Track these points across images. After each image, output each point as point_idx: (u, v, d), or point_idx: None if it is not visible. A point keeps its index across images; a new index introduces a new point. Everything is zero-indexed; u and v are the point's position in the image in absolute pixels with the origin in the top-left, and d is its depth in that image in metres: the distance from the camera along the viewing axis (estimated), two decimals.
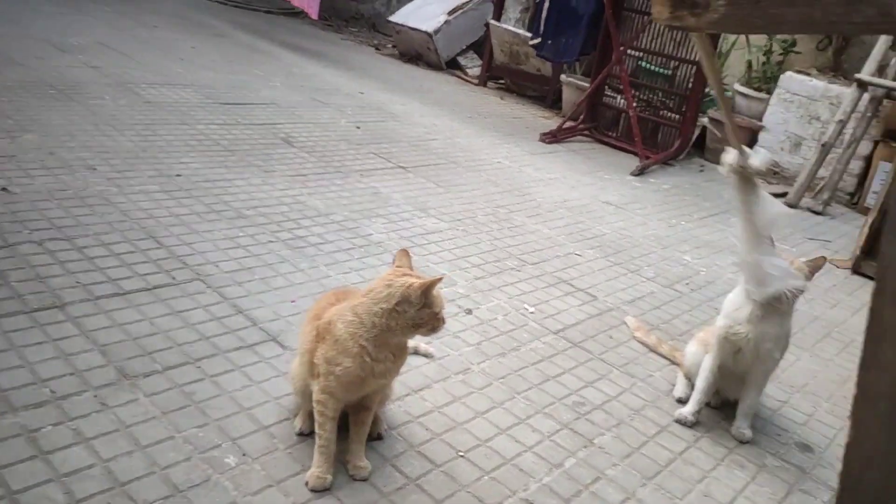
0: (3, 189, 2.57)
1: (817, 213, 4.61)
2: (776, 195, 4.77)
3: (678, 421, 2.06)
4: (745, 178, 1.44)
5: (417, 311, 1.50)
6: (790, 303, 1.93)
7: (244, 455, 1.60)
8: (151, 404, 1.69)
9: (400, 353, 1.59)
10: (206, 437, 1.63)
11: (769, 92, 5.40)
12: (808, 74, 5.26)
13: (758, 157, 1.43)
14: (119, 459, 1.51)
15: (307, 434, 1.70)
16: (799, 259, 1.99)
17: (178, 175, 3.07)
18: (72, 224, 2.45)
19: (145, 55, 5.02)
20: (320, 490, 1.55)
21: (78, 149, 3.11)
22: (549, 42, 5.68)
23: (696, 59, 4.98)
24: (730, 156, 1.38)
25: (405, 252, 1.64)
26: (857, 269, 3.64)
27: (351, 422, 1.66)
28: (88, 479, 1.44)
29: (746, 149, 1.41)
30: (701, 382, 2.09)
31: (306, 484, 1.55)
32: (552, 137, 5.16)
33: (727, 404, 2.17)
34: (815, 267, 1.96)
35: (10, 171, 2.73)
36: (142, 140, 3.39)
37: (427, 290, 1.50)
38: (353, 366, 1.51)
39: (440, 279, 1.53)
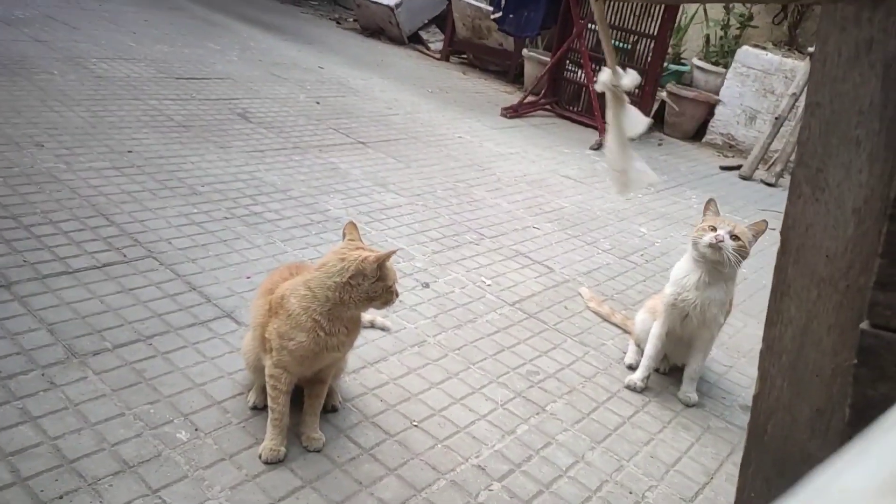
0: None
1: (770, 185, 4.72)
2: (731, 168, 4.90)
3: (628, 387, 2.12)
4: (616, 95, 1.56)
5: (371, 285, 1.51)
6: (734, 268, 1.99)
7: (196, 430, 1.60)
8: (101, 382, 1.68)
9: (354, 327, 1.60)
10: (158, 413, 1.63)
11: (726, 66, 5.47)
12: (764, 48, 5.34)
13: (628, 78, 1.55)
14: (67, 437, 1.50)
15: (261, 408, 1.71)
16: (742, 223, 2.05)
17: (130, 151, 3.01)
18: (18, 202, 2.39)
19: (95, 28, 4.87)
20: (273, 462, 1.56)
21: (24, 125, 3.02)
22: (511, 16, 5.66)
23: (655, 33, 5.02)
24: (604, 75, 1.49)
25: (353, 225, 1.64)
26: None
27: (305, 394, 1.67)
28: (35, 457, 1.43)
29: (619, 70, 1.51)
30: (650, 349, 2.15)
31: (260, 456, 1.56)
32: (513, 112, 5.17)
33: (676, 370, 2.23)
34: (757, 231, 2.02)
35: None
36: (92, 116, 3.31)
37: (381, 263, 1.51)
38: (307, 340, 1.52)
39: (394, 252, 1.54)
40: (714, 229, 1.99)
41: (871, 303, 0.47)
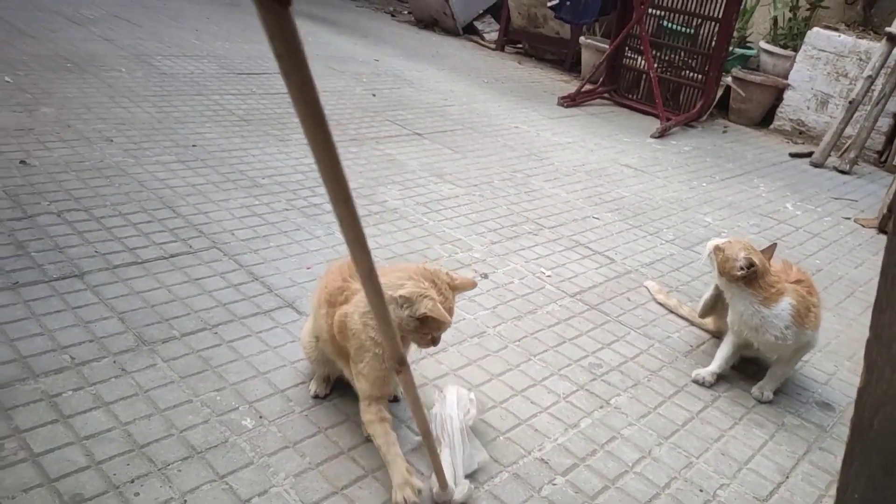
0: (22, 162, 2.60)
1: (843, 173, 4.49)
2: (802, 155, 4.69)
3: (695, 381, 2.05)
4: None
5: (414, 325, 1.45)
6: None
7: (261, 417, 1.62)
8: (170, 369, 1.72)
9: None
10: (224, 400, 1.65)
11: (795, 49, 5.23)
12: (836, 30, 5.08)
13: (462, 490, 1.47)
14: (138, 422, 1.54)
15: (322, 397, 1.71)
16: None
17: (195, 145, 3.08)
18: (90, 195, 2.47)
19: (159, 26, 5.01)
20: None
21: (94, 121, 3.12)
22: (568, 3, 5.54)
23: (720, 16, 4.84)
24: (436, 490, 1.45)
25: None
26: (883, 229, 3.55)
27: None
28: (108, 441, 1.47)
29: (451, 487, 1.45)
30: (723, 350, 2.07)
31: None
32: (571, 101, 5.08)
33: (746, 361, 2.14)
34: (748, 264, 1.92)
35: (29, 144, 2.76)
36: (158, 111, 3.40)
37: (428, 317, 1.43)
38: (374, 359, 1.49)
39: (446, 319, 1.45)
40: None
41: None
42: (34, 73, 3.56)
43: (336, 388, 1.75)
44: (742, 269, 1.91)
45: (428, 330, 1.48)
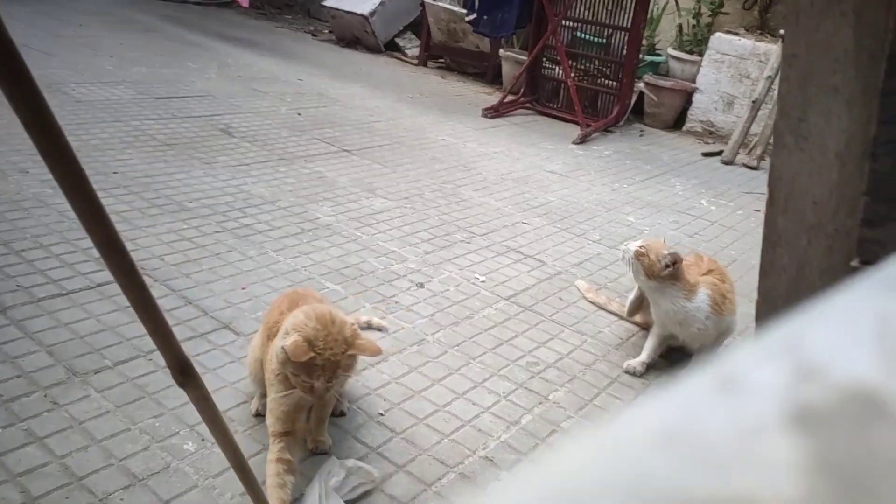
0: None
1: (752, 168, 4.78)
2: (713, 153, 4.95)
3: (627, 371, 2.15)
4: None
5: (292, 370, 1.42)
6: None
7: (203, 440, 1.61)
8: (104, 399, 1.68)
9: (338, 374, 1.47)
10: (163, 426, 1.63)
11: (700, 54, 5.54)
12: (737, 34, 5.41)
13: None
14: (74, 455, 1.50)
15: (264, 415, 1.71)
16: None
17: (115, 172, 3.01)
18: (8, 228, 2.39)
19: (72, 54, 4.86)
20: None
21: (8, 153, 3.01)
22: (485, 17, 5.69)
23: (629, 26, 5.08)
24: None
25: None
26: None
27: (314, 404, 1.66)
28: (44, 476, 1.43)
29: None
30: (650, 342, 2.18)
31: None
32: (494, 112, 5.21)
33: (672, 350, 2.26)
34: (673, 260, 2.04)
35: None
36: (75, 140, 3.29)
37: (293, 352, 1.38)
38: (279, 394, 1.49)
39: (295, 355, 1.38)
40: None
41: (860, 240, 0.49)
42: None
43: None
44: (668, 265, 2.02)
45: (303, 374, 1.41)
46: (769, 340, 0.18)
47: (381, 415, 1.80)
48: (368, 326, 2.13)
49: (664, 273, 2.03)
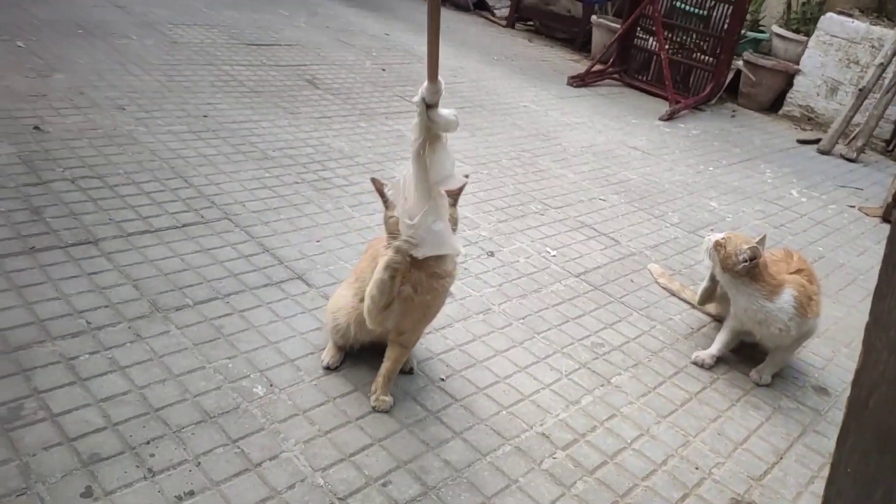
0: (36, 128, 2.62)
1: (850, 161, 4.50)
2: (809, 141, 4.68)
3: (695, 363, 2.09)
4: (430, 128, 1.38)
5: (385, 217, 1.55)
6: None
7: (272, 385, 1.67)
8: (183, 336, 1.76)
9: (421, 289, 1.57)
10: (236, 368, 1.70)
11: (808, 34, 5.20)
12: (850, 16, 5.05)
13: (448, 111, 1.37)
14: (153, 387, 1.58)
15: (333, 369, 1.76)
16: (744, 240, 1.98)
17: (205, 116, 3.10)
18: (103, 163, 2.50)
19: None
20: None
21: (106, 88, 3.14)
22: None
23: None
24: (422, 91, 1.32)
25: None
26: (887, 218, 3.57)
27: (385, 357, 1.69)
28: (124, 404, 1.52)
29: (441, 83, 1.34)
30: (723, 335, 2.11)
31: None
32: (580, 81, 5.07)
33: (745, 346, 2.18)
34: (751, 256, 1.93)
35: (42, 110, 2.78)
36: (168, 80, 3.41)
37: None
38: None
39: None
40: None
41: None
42: (46, 38, 3.57)
43: (346, 360, 1.79)
44: (745, 261, 1.93)
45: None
46: None
47: (443, 380, 1.82)
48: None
49: (739, 268, 1.95)
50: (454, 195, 1.59)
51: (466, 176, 1.72)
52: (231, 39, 4.27)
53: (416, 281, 1.55)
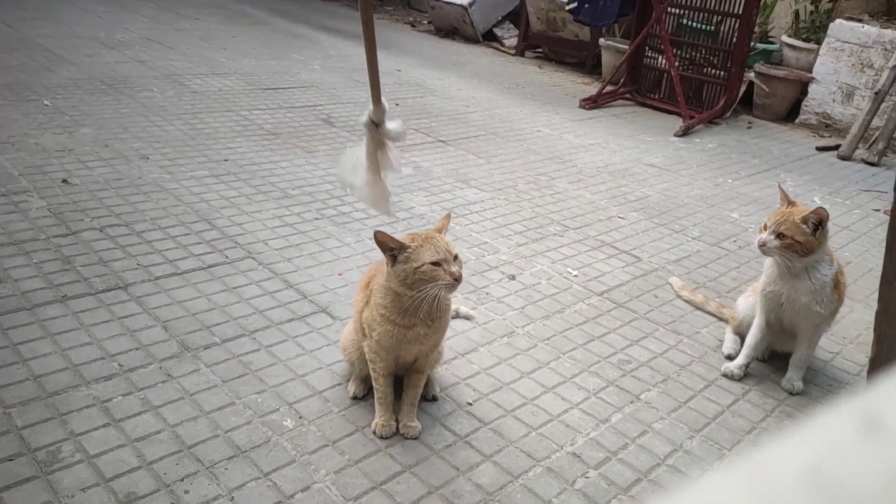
0: (65, 181, 2.72)
1: (872, 164, 4.45)
2: (829, 148, 4.64)
3: (725, 375, 2.06)
4: (376, 138, 1.56)
5: (411, 270, 1.51)
6: (799, 262, 1.88)
7: (301, 418, 1.68)
8: (212, 374, 1.79)
9: (435, 319, 1.61)
10: (265, 402, 1.72)
11: (818, 42, 5.20)
12: (860, 21, 5.04)
13: (393, 124, 1.56)
14: (185, 424, 1.61)
15: (360, 398, 1.77)
16: (800, 214, 1.89)
17: (226, 160, 3.18)
18: (129, 210, 2.57)
19: (189, 47, 5.16)
20: (387, 436, 1.65)
21: (130, 140, 3.24)
22: (587, 6, 5.58)
23: (740, 12, 4.83)
24: (367, 112, 1.54)
25: (446, 217, 1.70)
26: None
27: (404, 384, 1.72)
28: (158, 442, 1.55)
29: (384, 104, 1.54)
30: (750, 338, 2.08)
31: (374, 432, 1.66)
32: (592, 103, 5.10)
33: (775, 356, 2.15)
34: (816, 219, 1.86)
35: (70, 164, 2.88)
36: (190, 129, 3.51)
37: (401, 247, 1.52)
38: (383, 331, 1.58)
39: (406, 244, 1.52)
40: (766, 228, 1.91)
41: None
42: (73, 95, 3.71)
43: (372, 389, 1.80)
44: (816, 227, 1.87)
45: (422, 261, 1.51)
46: None
47: (470, 404, 1.82)
48: (456, 315, 2.15)
49: (817, 239, 1.85)
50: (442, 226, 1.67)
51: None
52: (248, 86, 4.39)
53: (416, 323, 1.58)
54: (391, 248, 1.54)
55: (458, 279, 1.51)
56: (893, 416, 0.16)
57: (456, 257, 1.55)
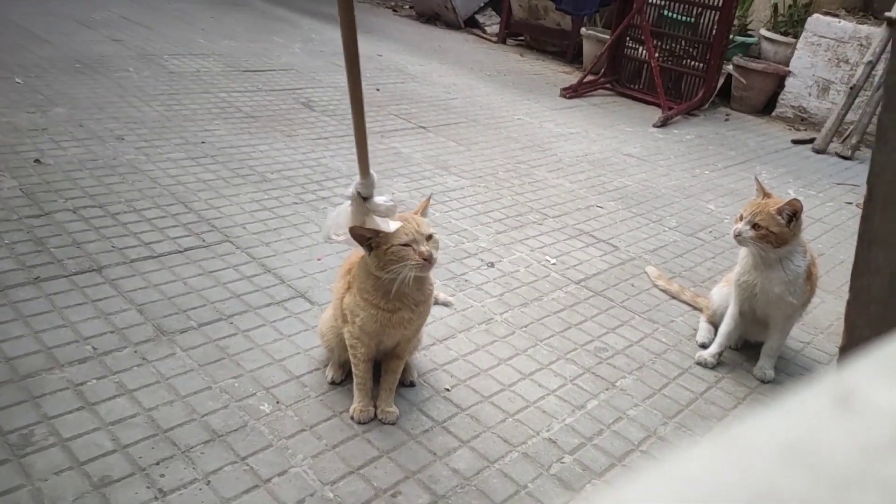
0: (37, 161, 2.66)
1: (846, 158, 4.52)
2: (804, 141, 4.71)
3: (699, 363, 2.10)
4: (363, 209, 1.57)
5: (384, 251, 1.52)
6: (774, 253, 1.91)
7: (278, 402, 1.68)
8: (188, 358, 1.78)
9: (420, 303, 1.63)
10: (242, 386, 1.71)
11: (796, 36, 5.26)
12: (837, 16, 5.10)
13: (382, 198, 1.58)
14: (160, 408, 1.60)
15: (337, 383, 1.77)
16: (774, 205, 1.92)
17: (203, 142, 3.14)
18: (104, 192, 2.53)
19: (166, 27, 5.06)
20: (365, 421, 1.65)
21: (106, 120, 3.18)
22: None
23: (720, 4, 4.86)
24: (355, 185, 1.58)
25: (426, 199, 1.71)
26: None
27: (382, 370, 1.72)
28: (133, 426, 1.53)
29: (373, 175, 1.60)
30: (723, 327, 2.12)
31: (351, 417, 1.66)
32: (573, 92, 5.12)
33: (748, 345, 2.19)
34: (791, 210, 1.90)
35: (43, 144, 2.82)
36: (167, 110, 3.46)
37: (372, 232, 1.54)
38: (367, 315, 1.58)
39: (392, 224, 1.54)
40: (742, 218, 1.94)
41: None
42: (47, 74, 3.63)
43: (350, 374, 1.80)
44: (790, 218, 1.89)
45: (395, 242, 1.53)
46: (886, 357, 0.18)
47: (448, 390, 1.83)
48: (435, 301, 2.16)
49: (791, 230, 1.88)
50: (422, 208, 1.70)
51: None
52: (227, 67, 4.33)
53: (399, 307, 1.60)
54: (367, 238, 1.54)
55: (427, 259, 1.51)
56: (865, 392, 0.17)
57: (430, 237, 1.55)
